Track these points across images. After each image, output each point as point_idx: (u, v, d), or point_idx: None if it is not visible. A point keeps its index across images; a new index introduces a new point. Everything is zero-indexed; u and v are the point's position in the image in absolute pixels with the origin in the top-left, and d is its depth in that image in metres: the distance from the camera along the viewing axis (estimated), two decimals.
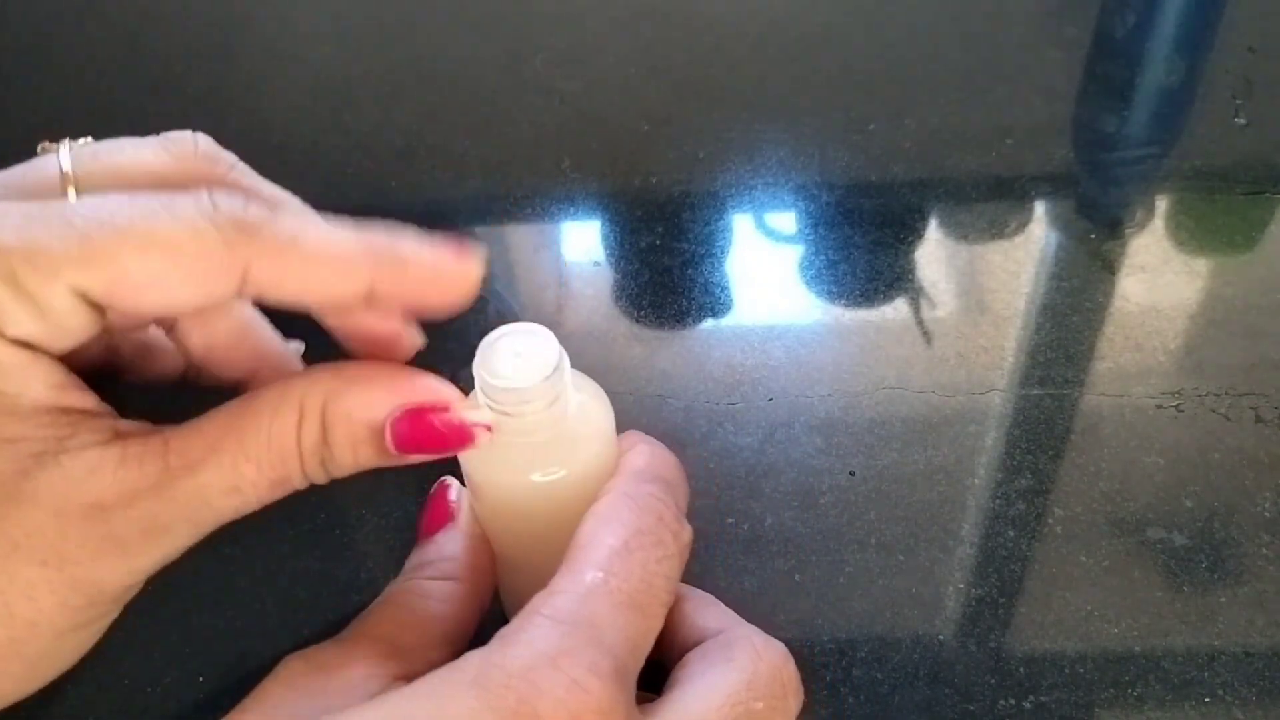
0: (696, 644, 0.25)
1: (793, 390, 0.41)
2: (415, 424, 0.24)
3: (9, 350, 0.21)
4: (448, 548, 0.27)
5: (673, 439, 0.39)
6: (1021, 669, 0.33)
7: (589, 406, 0.26)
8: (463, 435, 0.24)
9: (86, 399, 0.22)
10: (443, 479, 0.29)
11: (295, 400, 0.23)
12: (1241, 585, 0.35)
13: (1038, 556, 0.36)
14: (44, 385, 0.21)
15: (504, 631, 0.22)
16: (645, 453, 0.27)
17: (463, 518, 0.28)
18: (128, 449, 0.22)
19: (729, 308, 0.45)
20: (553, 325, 0.26)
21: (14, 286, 0.20)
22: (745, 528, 0.37)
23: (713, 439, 0.40)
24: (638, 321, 0.44)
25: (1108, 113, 0.54)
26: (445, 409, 0.24)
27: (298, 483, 0.23)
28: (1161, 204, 0.49)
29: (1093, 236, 0.47)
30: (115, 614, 0.23)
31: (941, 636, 0.34)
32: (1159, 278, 0.45)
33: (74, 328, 0.21)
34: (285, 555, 0.37)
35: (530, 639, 0.21)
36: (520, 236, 0.49)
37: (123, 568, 0.22)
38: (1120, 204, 0.50)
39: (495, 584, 0.29)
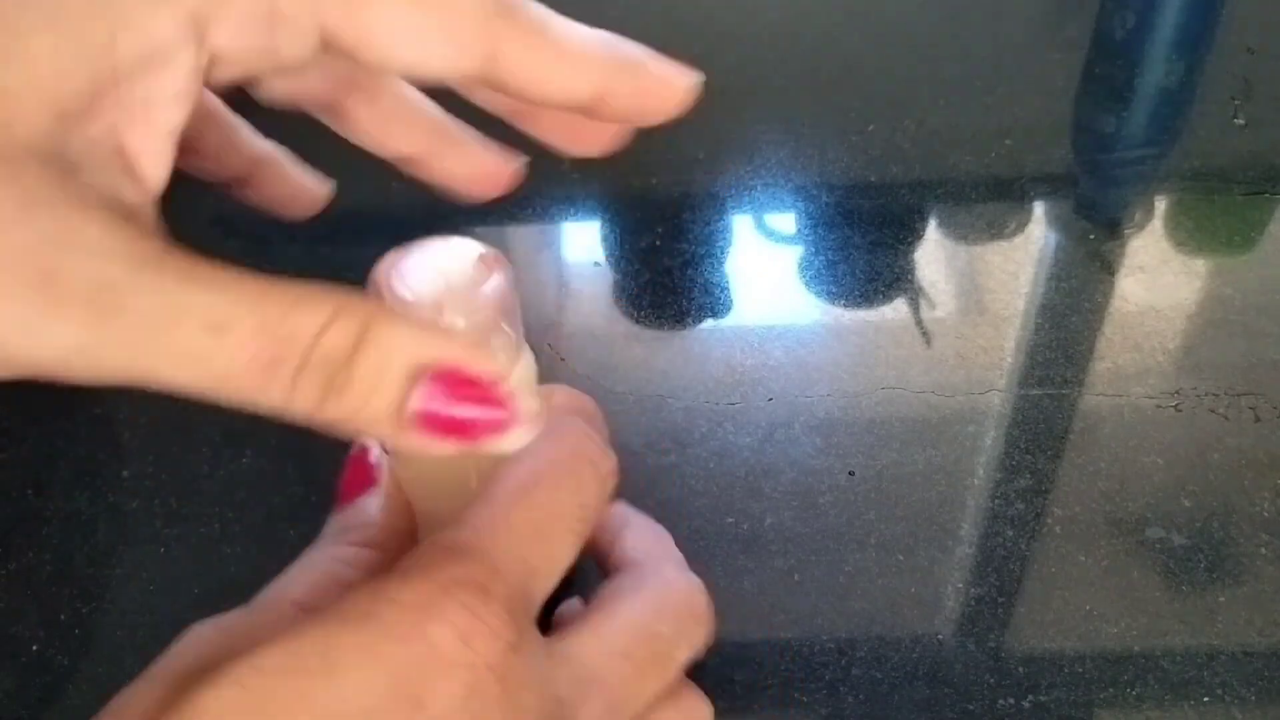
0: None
1: (792, 390, 0.41)
2: (453, 389, 0.20)
3: (180, 29, 0.18)
4: (367, 513, 0.26)
5: (673, 439, 0.40)
6: (1021, 668, 0.33)
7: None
8: (501, 421, 0.20)
9: (159, 161, 0.20)
10: (362, 442, 0.28)
11: (335, 300, 0.19)
12: (1240, 585, 0.35)
13: (1037, 556, 0.36)
14: (161, 91, 0.19)
15: (400, 563, 0.21)
16: (562, 391, 0.27)
17: (384, 481, 0.27)
18: (132, 211, 0.19)
19: (729, 308, 0.45)
20: (553, 325, 0.26)
21: None
22: (745, 528, 0.37)
23: (713, 439, 0.40)
24: (638, 321, 0.44)
25: (1107, 113, 0.54)
26: (498, 381, 0.21)
27: (280, 389, 0.19)
28: (1160, 204, 0.49)
29: (1092, 237, 0.47)
30: None
31: (941, 636, 0.34)
32: (1158, 278, 0.45)
33: (286, 56, 0.19)
34: (285, 555, 0.37)
35: (423, 568, 0.21)
36: (520, 237, 0.49)
37: (49, 330, 0.18)
38: (1119, 204, 0.50)
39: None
